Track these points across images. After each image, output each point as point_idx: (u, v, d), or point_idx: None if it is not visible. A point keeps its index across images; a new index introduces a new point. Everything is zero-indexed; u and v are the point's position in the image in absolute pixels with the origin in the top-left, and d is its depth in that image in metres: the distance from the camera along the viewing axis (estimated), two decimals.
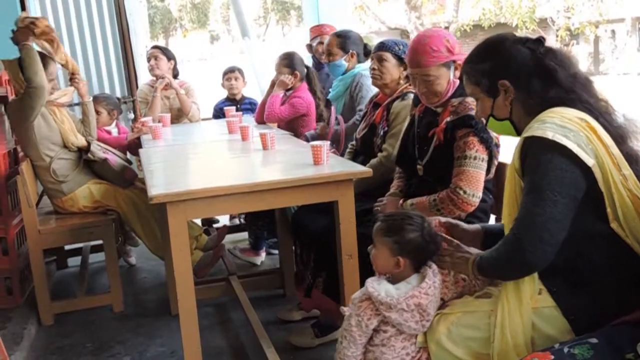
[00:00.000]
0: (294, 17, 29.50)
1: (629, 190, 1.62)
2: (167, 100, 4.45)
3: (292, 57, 3.93)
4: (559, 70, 1.74)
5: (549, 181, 1.59)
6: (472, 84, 1.87)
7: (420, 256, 1.84)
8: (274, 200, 2.38)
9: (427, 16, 15.80)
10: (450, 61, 2.43)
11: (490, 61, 1.81)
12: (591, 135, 1.62)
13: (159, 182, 2.45)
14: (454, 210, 2.37)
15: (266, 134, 2.99)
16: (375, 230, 1.88)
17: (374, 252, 1.87)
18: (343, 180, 2.40)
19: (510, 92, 1.78)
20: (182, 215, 2.29)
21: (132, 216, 3.67)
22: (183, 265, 2.31)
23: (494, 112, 1.84)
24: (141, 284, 4.04)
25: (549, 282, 1.70)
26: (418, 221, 1.85)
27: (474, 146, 2.34)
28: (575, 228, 1.63)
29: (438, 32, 2.48)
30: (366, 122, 3.07)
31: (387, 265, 1.84)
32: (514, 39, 1.80)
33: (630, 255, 1.66)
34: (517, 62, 1.77)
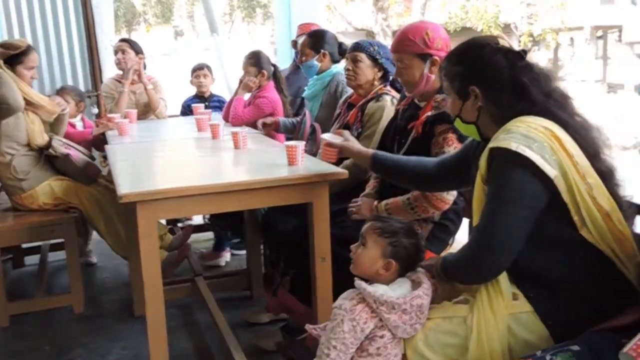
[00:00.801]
0: (259, 14, 29.29)
1: (594, 198, 1.62)
2: (134, 95, 4.34)
3: (259, 56, 3.88)
4: (533, 87, 1.74)
5: (509, 192, 1.61)
6: (446, 82, 1.87)
7: (410, 263, 1.82)
8: (247, 201, 2.32)
9: (393, 18, 15.87)
10: (426, 54, 2.39)
11: (466, 65, 1.80)
12: (555, 145, 1.62)
13: (128, 181, 2.36)
14: (428, 208, 2.35)
15: (238, 133, 2.92)
16: (367, 228, 1.84)
17: (362, 250, 1.82)
18: (318, 181, 2.35)
19: (479, 98, 1.78)
20: (153, 215, 2.21)
21: (94, 214, 3.56)
22: (152, 266, 2.23)
23: (462, 114, 1.85)
24: (102, 284, 3.93)
25: (525, 288, 1.70)
26: (411, 228, 1.83)
27: (453, 143, 2.32)
28: (545, 235, 1.65)
29: (425, 24, 2.46)
30: (340, 122, 3.03)
31: (373, 267, 1.79)
32: (496, 47, 1.78)
33: (604, 261, 1.67)
34: (492, 72, 1.76)
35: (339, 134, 2.41)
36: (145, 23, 26.16)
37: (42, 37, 5.10)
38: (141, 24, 26.40)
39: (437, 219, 2.49)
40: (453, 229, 2.56)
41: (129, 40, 4.39)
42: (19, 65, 3.40)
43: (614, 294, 1.65)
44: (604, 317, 1.60)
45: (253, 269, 3.47)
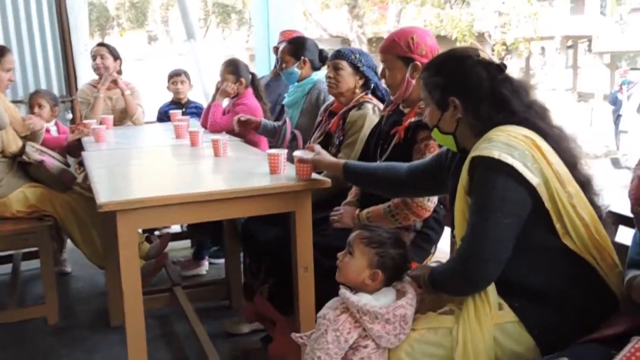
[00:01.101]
0: (234, 20, 29.24)
1: (574, 206, 1.64)
2: (110, 101, 4.27)
3: (237, 63, 3.85)
4: (513, 100, 1.75)
5: (493, 201, 1.62)
6: (425, 91, 1.86)
7: (396, 274, 1.81)
8: (229, 210, 2.29)
9: (369, 25, 15.96)
10: (408, 58, 2.41)
11: (446, 75, 1.81)
12: (536, 153, 1.64)
13: (107, 189, 2.31)
14: (409, 215, 2.34)
15: (219, 141, 2.89)
16: (354, 237, 1.82)
17: (349, 259, 1.81)
18: (301, 190, 2.33)
19: (458, 109, 1.78)
20: (133, 225, 2.17)
21: (69, 222, 3.48)
22: (132, 276, 2.18)
23: (440, 125, 1.84)
24: (77, 293, 3.84)
25: (510, 298, 1.70)
26: (398, 238, 1.82)
27: (434, 150, 2.31)
28: (528, 243, 1.65)
29: (414, 29, 2.50)
30: (321, 130, 3.01)
31: (359, 276, 1.78)
32: (476, 59, 1.79)
33: (587, 269, 1.68)
34: (472, 84, 1.77)
35: (310, 149, 2.39)
36: (119, 27, 25.92)
37: (15, 41, 4.97)
38: (114, 28, 26.15)
39: (419, 228, 2.49)
40: (435, 238, 2.56)
41: (107, 45, 4.33)
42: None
43: (598, 303, 1.66)
44: (589, 325, 1.61)
45: (232, 278, 3.43)
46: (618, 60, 25.53)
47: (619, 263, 1.68)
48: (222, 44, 25.74)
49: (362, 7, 15.33)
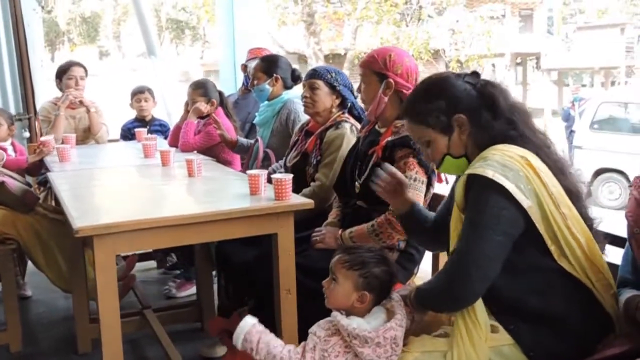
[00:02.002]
0: (188, 36, 29.08)
1: (569, 228, 1.65)
2: (73, 120, 4.15)
3: (206, 85, 3.83)
4: (500, 99, 1.77)
5: (486, 218, 1.62)
6: (423, 126, 1.82)
7: (384, 292, 1.79)
8: (211, 233, 2.23)
9: (325, 42, 16.06)
10: (383, 74, 2.44)
11: (443, 98, 1.80)
12: (530, 174, 1.64)
13: (81, 213, 2.21)
14: (393, 234, 2.34)
15: (193, 160, 2.82)
16: (335, 262, 1.80)
17: (334, 286, 1.78)
18: (283, 212, 2.29)
19: (465, 126, 1.77)
20: (111, 250, 2.08)
21: (33, 245, 3.32)
22: (110, 302, 2.09)
23: (451, 150, 1.82)
24: (39, 319, 3.68)
25: (505, 320, 1.69)
26: (381, 255, 1.80)
27: (414, 167, 2.33)
28: (524, 264, 1.66)
29: (394, 49, 2.54)
30: (297, 150, 2.98)
31: (348, 300, 1.76)
32: (454, 74, 1.82)
33: (583, 291, 1.68)
34: (466, 97, 1.78)
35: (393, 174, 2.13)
36: (70, 42, 25.42)
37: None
38: (65, 44, 25.64)
39: (403, 247, 2.48)
40: (418, 258, 2.55)
41: (84, 65, 4.22)
42: None
43: (594, 324, 1.66)
44: (585, 347, 1.62)
45: (204, 300, 3.34)
46: (565, 77, 26.38)
47: (613, 284, 1.69)
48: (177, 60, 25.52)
49: (319, 24, 15.43)
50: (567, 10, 30.99)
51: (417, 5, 15.33)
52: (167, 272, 4.26)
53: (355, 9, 15.04)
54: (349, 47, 15.87)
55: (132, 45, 28.16)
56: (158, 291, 3.98)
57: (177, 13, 25.95)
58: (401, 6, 14.64)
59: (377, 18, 14.67)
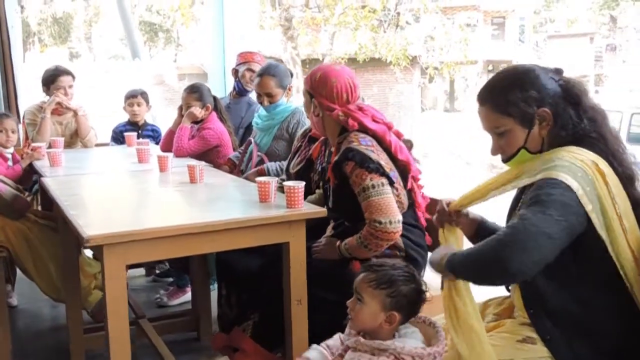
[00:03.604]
0: (162, 39, 28.82)
1: (627, 242, 1.60)
2: (60, 126, 4.05)
3: (201, 89, 3.75)
4: (583, 98, 1.72)
5: (554, 200, 1.53)
6: (504, 115, 1.72)
7: (413, 310, 1.74)
8: (223, 242, 2.17)
9: (302, 47, 16.04)
10: (311, 94, 2.50)
11: (534, 89, 1.71)
12: (599, 180, 1.59)
13: (89, 221, 2.13)
14: (380, 243, 2.30)
15: (195, 167, 2.76)
16: (360, 282, 1.73)
17: (360, 306, 1.72)
18: (296, 220, 2.24)
19: (547, 121, 1.70)
20: (121, 260, 2.02)
21: (23, 252, 3.22)
22: (120, 314, 2.04)
23: (528, 145, 1.73)
24: (27, 329, 3.57)
25: (543, 329, 1.64)
26: (409, 272, 1.74)
27: (366, 176, 2.30)
28: (575, 271, 1.61)
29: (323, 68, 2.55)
30: (301, 157, 2.94)
31: (376, 321, 1.70)
32: (539, 67, 1.75)
33: (631, 308, 1.63)
34: (553, 92, 1.71)
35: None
36: (41, 43, 24.96)
37: None
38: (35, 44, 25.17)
39: (403, 253, 2.45)
40: (422, 263, 2.52)
41: (72, 72, 4.11)
42: None
43: (636, 344, 1.61)
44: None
45: (201, 309, 3.27)
46: None
47: None
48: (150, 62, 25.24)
49: (297, 29, 15.41)
50: (538, 19, 31.55)
51: (395, 12, 15.42)
52: (158, 279, 4.18)
53: (333, 15, 15.06)
54: (327, 52, 15.89)
55: (104, 47, 27.80)
56: (148, 299, 3.89)
57: (150, 16, 25.69)
58: (379, 12, 14.69)
59: (355, 24, 14.71)
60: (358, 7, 14.87)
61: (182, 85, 22.15)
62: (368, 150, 2.33)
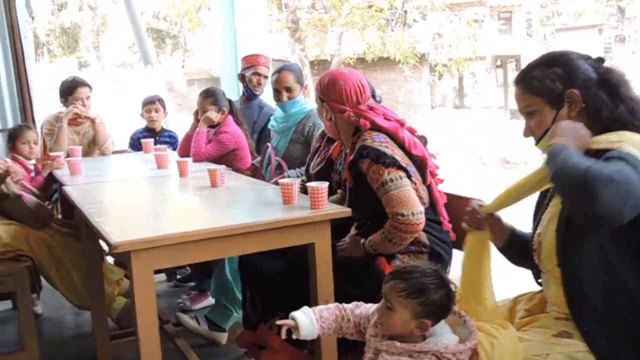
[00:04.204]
0: (169, 45, 28.92)
1: None
2: (77, 136, 4.08)
3: (216, 93, 3.77)
4: (622, 88, 1.71)
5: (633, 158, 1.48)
6: (532, 94, 1.74)
7: (444, 315, 1.71)
8: (248, 245, 2.18)
9: (310, 49, 16.06)
10: (322, 98, 2.55)
11: (560, 67, 1.72)
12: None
13: (114, 228, 2.14)
14: (404, 236, 2.31)
15: (216, 170, 2.77)
16: (390, 290, 1.71)
17: (391, 314, 1.70)
18: (320, 221, 2.24)
19: (577, 102, 1.69)
20: (149, 265, 2.02)
21: (46, 261, 3.25)
22: (149, 320, 2.03)
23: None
24: (51, 336, 3.60)
25: (582, 320, 1.61)
26: (438, 276, 1.72)
27: (383, 171, 2.31)
28: (627, 258, 1.57)
29: (332, 72, 2.60)
30: (320, 157, 2.94)
31: (407, 328, 1.68)
32: (577, 54, 1.76)
33: None
34: (585, 75, 1.71)
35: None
36: (50, 54, 25.12)
37: None
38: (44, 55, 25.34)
39: (428, 249, 2.44)
40: (447, 258, 2.52)
41: (89, 84, 4.15)
42: None
43: None
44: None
45: None
46: None
47: None
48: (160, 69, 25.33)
49: (304, 31, 15.42)
50: (545, 12, 31.37)
51: (402, 10, 15.39)
52: (179, 284, 4.19)
53: (340, 15, 15.05)
54: (335, 53, 15.89)
55: (112, 56, 27.93)
56: (169, 304, 3.91)
57: (157, 22, 25.79)
58: (386, 11, 14.68)
59: (362, 24, 14.70)
60: (365, 6, 14.86)
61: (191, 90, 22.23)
62: (382, 146, 2.35)
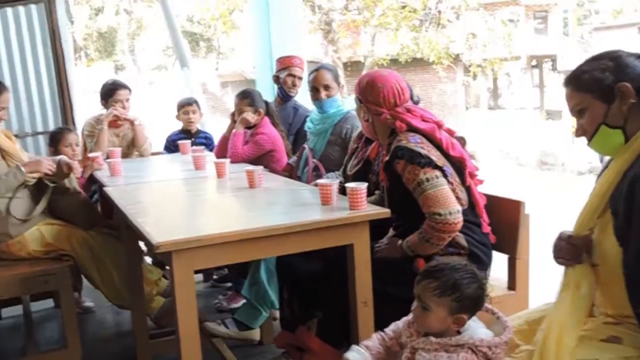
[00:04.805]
0: (203, 48, 29.22)
1: None
2: (117, 138, 4.15)
3: (253, 94, 3.80)
4: None
5: None
6: (582, 91, 1.73)
7: (479, 307, 1.74)
8: (287, 246, 2.18)
9: (343, 50, 16.06)
10: (357, 98, 2.59)
11: (611, 61, 1.70)
12: None
13: (155, 228, 2.16)
14: (442, 236, 2.29)
15: (254, 171, 2.79)
16: (423, 290, 1.74)
17: (427, 314, 1.72)
18: (359, 222, 2.24)
19: (629, 96, 1.66)
20: (189, 265, 2.04)
21: (87, 261, 3.28)
22: (190, 319, 2.06)
23: (608, 120, 1.70)
24: (93, 336, 3.66)
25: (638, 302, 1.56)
26: (469, 271, 1.73)
27: (418, 171, 2.30)
28: None
29: (371, 74, 2.60)
30: (358, 158, 2.93)
31: (444, 325, 1.71)
32: (626, 52, 1.74)
33: None
34: (635, 70, 1.69)
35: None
36: (87, 58, 25.62)
37: (9, 73, 4.84)
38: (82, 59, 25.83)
39: (467, 252, 2.42)
40: (487, 261, 2.49)
41: (128, 86, 4.22)
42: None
43: None
44: None
45: None
46: None
47: None
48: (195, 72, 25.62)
49: (337, 32, 15.44)
50: (582, 11, 30.81)
51: (436, 10, 15.30)
52: (216, 285, 4.22)
53: (373, 16, 15.02)
54: (368, 54, 15.87)
55: (147, 59, 28.34)
56: (206, 305, 3.94)
57: (191, 26, 26.08)
58: (420, 12, 14.61)
59: (396, 24, 14.65)
60: (398, 7, 14.81)
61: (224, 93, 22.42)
62: (417, 147, 2.35)
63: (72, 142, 3.73)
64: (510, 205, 2.55)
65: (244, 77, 18.79)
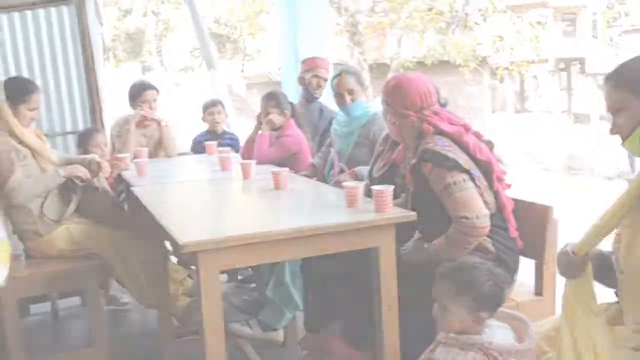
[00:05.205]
0: (229, 49, 29.39)
1: None
2: (144, 139, 4.19)
3: (278, 96, 3.81)
4: None
5: None
6: (623, 89, 1.70)
7: (498, 304, 1.74)
8: (313, 247, 2.19)
9: (369, 52, 16.03)
10: (383, 100, 2.56)
11: None
12: None
13: (181, 228, 2.18)
14: (469, 240, 2.28)
15: (279, 173, 2.79)
16: (440, 292, 1.76)
17: (447, 315, 1.73)
18: (385, 225, 2.23)
19: None
20: (215, 265, 2.06)
21: (114, 260, 3.32)
22: (215, 320, 2.07)
23: None
24: (118, 333, 3.69)
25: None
26: (484, 268, 1.73)
27: (445, 174, 2.29)
28: None
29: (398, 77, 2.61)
30: (384, 160, 2.92)
31: (464, 324, 1.72)
32: None
33: None
34: None
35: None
36: (115, 59, 25.94)
37: (40, 73, 4.89)
38: (110, 60, 26.16)
39: (494, 256, 2.39)
40: (513, 266, 2.47)
41: (156, 87, 4.26)
42: (22, 104, 3.22)
43: None
44: None
45: None
46: None
47: None
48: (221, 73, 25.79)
49: (363, 34, 15.42)
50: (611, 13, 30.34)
51: (463, 13, 15.20)
52: (240, 285, 4.24)
53: (399, 18, 14.97)
54: (394, 56, 15.82)
55: (174, 60, 28.59)
56: (231, 305, 3.95)
57: (218, 27, 26.26)
58: (446, 14, 14.53)
59: (422, 27, 14.58)
60: (425, 9, 14.74)
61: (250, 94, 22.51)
62: (444, 150, 2.34)
63: (100, 142, 3.78)
64: (539, 210, 2.52)
65: (270, 79, 18.86)
